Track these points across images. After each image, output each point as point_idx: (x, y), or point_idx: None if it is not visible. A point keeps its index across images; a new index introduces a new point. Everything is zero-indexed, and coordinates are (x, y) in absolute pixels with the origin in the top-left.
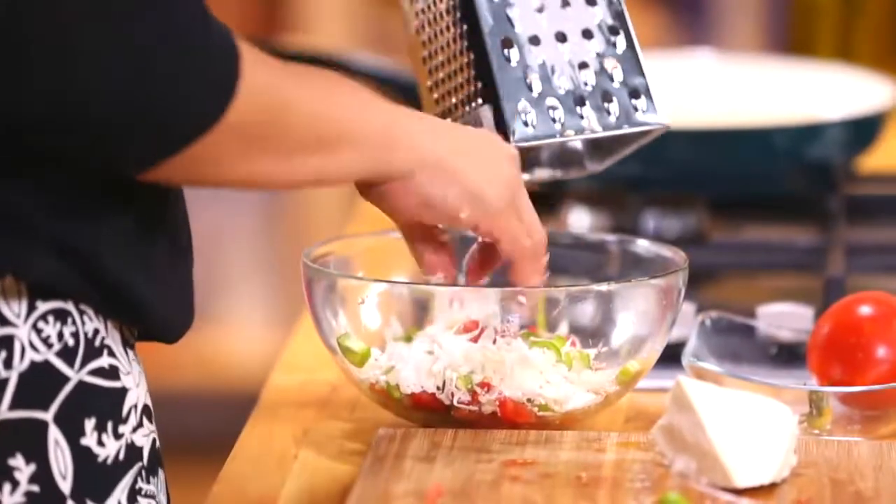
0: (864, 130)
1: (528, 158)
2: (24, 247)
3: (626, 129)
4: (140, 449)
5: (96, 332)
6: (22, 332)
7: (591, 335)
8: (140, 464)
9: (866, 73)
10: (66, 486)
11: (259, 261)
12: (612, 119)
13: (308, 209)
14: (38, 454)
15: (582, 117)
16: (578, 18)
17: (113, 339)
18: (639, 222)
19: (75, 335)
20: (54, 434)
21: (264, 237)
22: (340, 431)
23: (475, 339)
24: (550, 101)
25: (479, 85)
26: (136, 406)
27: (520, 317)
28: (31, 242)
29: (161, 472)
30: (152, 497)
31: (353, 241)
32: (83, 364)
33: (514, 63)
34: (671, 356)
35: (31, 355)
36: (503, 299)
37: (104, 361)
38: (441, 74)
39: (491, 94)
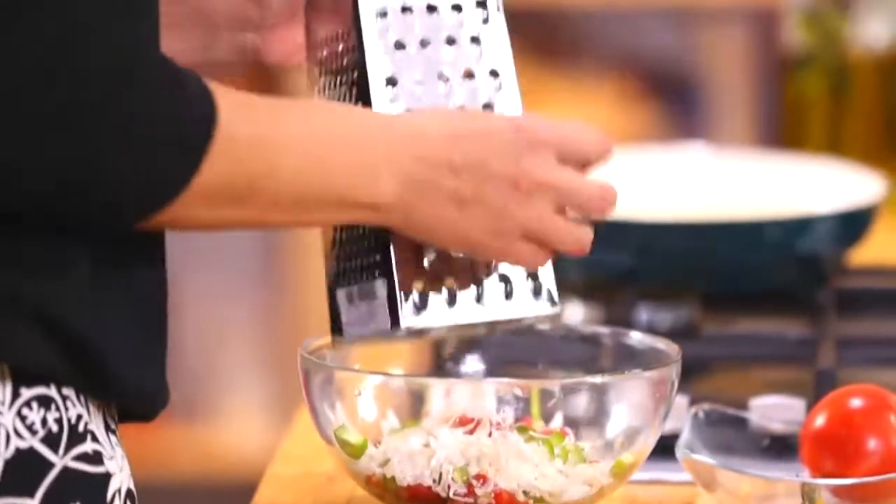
0: (854, 224)
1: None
2: (3, 319)
3: (520, 316)
4: None
5: (79, 417)
6: (7, 420)
7: (586, 427)
8: None
9: (856, 168)
10: None
11: (258, 353)
12: (508, 304)
13: (307, 302)
14: None
15: (478, 299)
16: None
17: (96, 424)
18: (632, 315)
19: (59, 421)
20: None
21: (263, 330)
22: None
23: (471, 432)
24: (447, 281)
25: (377, 258)
26: (119, 490)
27: (515, 409)
28: (8, 313)
29: None
30: None
31: None
32: (67, 450)
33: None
34: (665, 448)
35: (16, 442)
36: (499, 391)
37: (88, 447)
38: (345, 235)
39: (386, 271)
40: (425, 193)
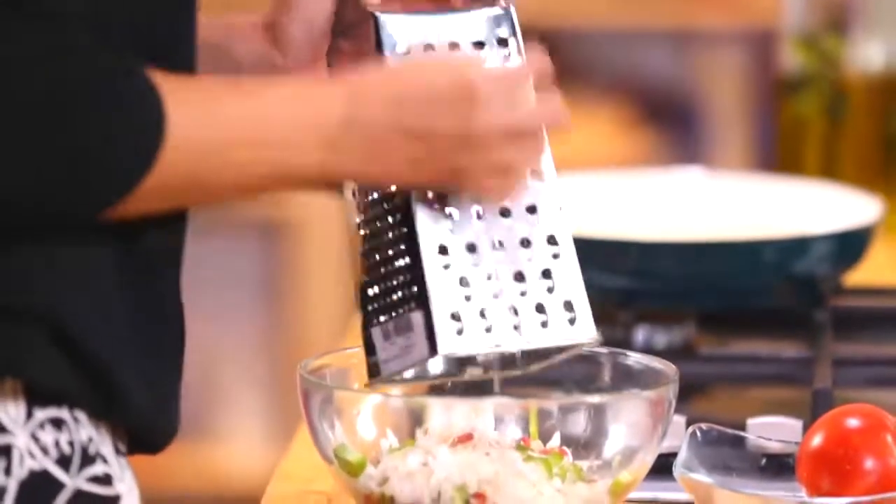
0: (850, 245)
1: (461, 360)
2: (22, 335)
3: (557, 344)
4: None
5: (90, 439)
6: (20, 441)
7: (584, 446)
8: None
9: (852, 191)
10: None
11: (257, 372)
12: (545, 332)
13: (307, 321)
14: None
15: (515, 328)
16: (518, 227)
17: (106, 447)
18: (629, 335)
19: (71, 443)
20: None
21: (262, 349)
22: None
23: (469, 452)
24: (483, 310)
25: (414, 289)
26: None
27: (513, 428)
28: (27, 330)
29: None
30: None
31: (349, 353)
32: (79, 471)
33: (448, 271)
34: (662, 467)
35: (29, 463)
36: (497, 410)
37: (99, 469)
38: (378, 272)
39: (423, 300)
40: (380, 160)
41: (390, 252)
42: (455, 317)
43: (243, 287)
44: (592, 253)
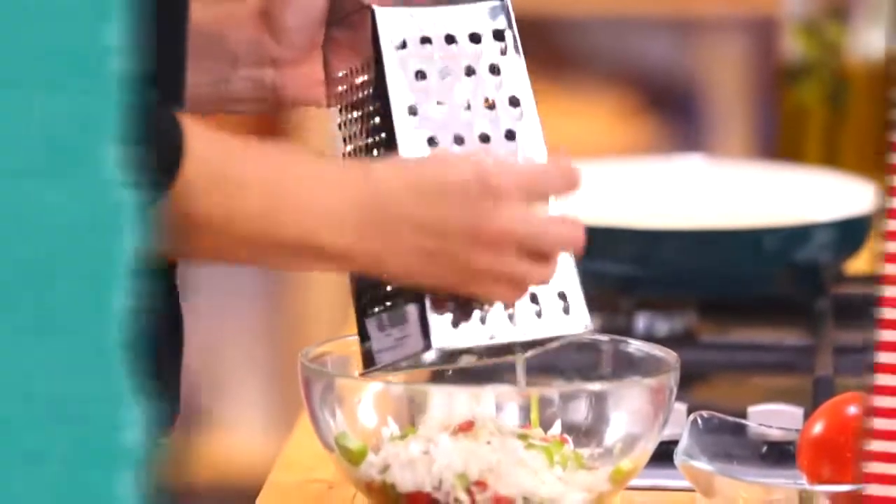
0: (851, 233)
1: (454, 350)
2: None
3: (552, 335)
4: None
5: None
6: None
7: (585, 434)
8: None
9: (853, 178)
10: None
11: (259, 360)
12: (539, 323)
13: (308, 309)
14: None
15: (510, 319)
16: None
17: None
18: (630, 323)
19: None
20: None
21: (264, 337)
22: None
23: (471, 440)
24: (477, 303)
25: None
26: None
27: (514, 416)
28: None
29: None
30: None
31: (351, 341)
32: None
33: None
34: (663, 454)
35: None
36: (498, 398)
37: None
38: None
39: (417, 293)
40: (388, 245)
41: None
42: (449, 309)
43: (244, 274)
44: (593, 240)
